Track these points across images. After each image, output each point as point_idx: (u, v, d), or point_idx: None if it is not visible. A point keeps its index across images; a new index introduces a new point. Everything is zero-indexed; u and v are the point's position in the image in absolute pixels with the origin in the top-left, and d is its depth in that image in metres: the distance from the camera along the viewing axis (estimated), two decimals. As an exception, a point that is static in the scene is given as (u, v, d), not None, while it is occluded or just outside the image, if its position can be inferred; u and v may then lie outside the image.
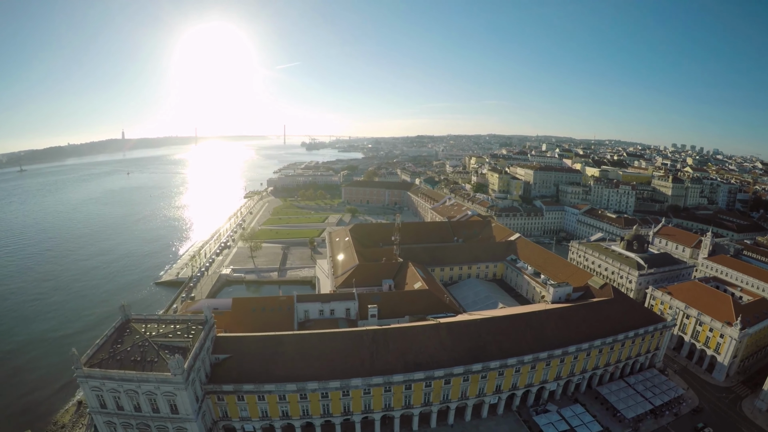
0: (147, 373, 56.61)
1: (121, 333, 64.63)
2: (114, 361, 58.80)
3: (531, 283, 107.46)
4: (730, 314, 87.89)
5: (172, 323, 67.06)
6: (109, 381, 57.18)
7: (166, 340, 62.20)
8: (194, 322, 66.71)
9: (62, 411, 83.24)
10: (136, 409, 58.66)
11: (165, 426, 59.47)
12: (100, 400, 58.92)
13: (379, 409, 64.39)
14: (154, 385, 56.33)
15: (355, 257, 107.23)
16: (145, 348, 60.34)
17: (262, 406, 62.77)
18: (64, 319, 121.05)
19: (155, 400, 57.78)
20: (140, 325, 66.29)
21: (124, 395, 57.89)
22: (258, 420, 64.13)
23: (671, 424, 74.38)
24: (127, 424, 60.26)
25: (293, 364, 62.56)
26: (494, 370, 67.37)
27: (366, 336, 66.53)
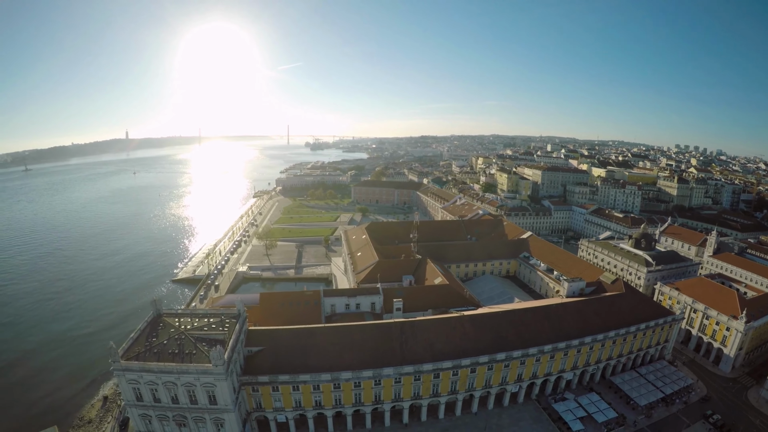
0: (187, 364, 57.86)
1: (155, 327, 66.11)
2: (151, 354, 59.80)
3: (544, 279, 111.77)
4: (736, 308, 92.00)
5: (205, 317, 68.94)
6: (147, 373, 57.99)
7: (202, 333, 63.86)
8: (227, 315, 68.70)
9: (87, 406, 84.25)
10: (173, 401, 59.57)
11: (202, 417, 60.69)
12: (137, 393, 59.63)
13: (408, 397, 68.37)
14: (194, 376, 57.57)
15: (374, 254, 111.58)
16: (182, 341, 61.67)
17: (296, 396, 65.67)
18: (83, 319, 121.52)
19: (194, 392, 58.89)
20: (173, 319, 68.15)
21: (161, 387, 58.71)
22: (291, 410, 66.97)
23: (681, 411, 78.60)
24: (163, 416, 61.06)
25: (326, 355, 66.00)
26: (516, 359, 71.77)
27: (395, 328, 70.84)
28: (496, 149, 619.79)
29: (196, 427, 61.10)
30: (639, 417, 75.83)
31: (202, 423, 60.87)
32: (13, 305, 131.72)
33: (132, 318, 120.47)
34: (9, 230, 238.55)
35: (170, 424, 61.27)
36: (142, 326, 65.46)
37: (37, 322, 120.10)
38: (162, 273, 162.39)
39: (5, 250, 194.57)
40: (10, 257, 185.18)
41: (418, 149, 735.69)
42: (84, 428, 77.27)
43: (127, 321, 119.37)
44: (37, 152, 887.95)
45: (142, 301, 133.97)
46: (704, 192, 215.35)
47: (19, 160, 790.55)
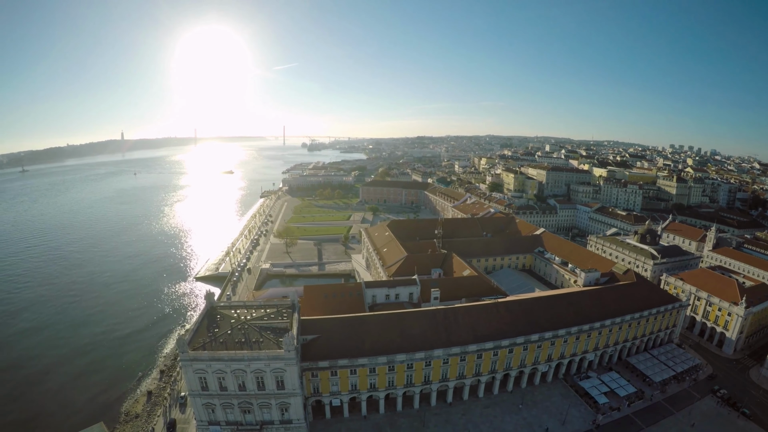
0: (259, 351, 60.33)
1: (213, 318, 68.85)
2: (218, 344, 61.80)
3: (560, 271, 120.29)
4: (736, 296, 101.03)
5: (261, 308, 72.53)
6: (216, 362, 59.87)
7: (263, 322, 67.17)
8: (281, 306, 72.77)
9: (131, 402, 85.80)
10: (240, 389, 61.85)
11: (268, 403, 63.27)
12: (202, 383, 61.15)
13: (454, 377, 75.23)
14: (265, 362, 60.32)
15: (402, 250, 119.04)
16: (246, 330, 64.51)
17: (353, 379, 70.51)
18: (114, 321, 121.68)
19: (262, 378, 61.46)
20: (228, 310, 71.23)
21: (230, 375, 60.70)
22: (347, 393, 71.54)
23: (691, 387, 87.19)
24: (228, 404, 63.08)
25: (378, 341, 71.59)
26: (547, 339, 79.81)
27: (439, 314, 78.29)
28: (493, 149, 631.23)
29: (260, 413, 64.19)
30: (654, 392, 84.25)
31: (267, 408, 64.00)
32: (36, 309, 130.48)
33: (164, 319, 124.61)
34: (17, 231, 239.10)
35: (234, 412, 63.75)
36: (200, 318, 68.46)
37: (67, 326, 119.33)
38: (184, 271, 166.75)
39: (18, 253, 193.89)
40: (24, 260, 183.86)
41: (416, 150, 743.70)
42: (132, 423, 78.90)
43: (159, 322, 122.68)
44: (33, 153, 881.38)
45: (170, 300, 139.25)
46: (702, 191, 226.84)
47: (15, 161, 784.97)
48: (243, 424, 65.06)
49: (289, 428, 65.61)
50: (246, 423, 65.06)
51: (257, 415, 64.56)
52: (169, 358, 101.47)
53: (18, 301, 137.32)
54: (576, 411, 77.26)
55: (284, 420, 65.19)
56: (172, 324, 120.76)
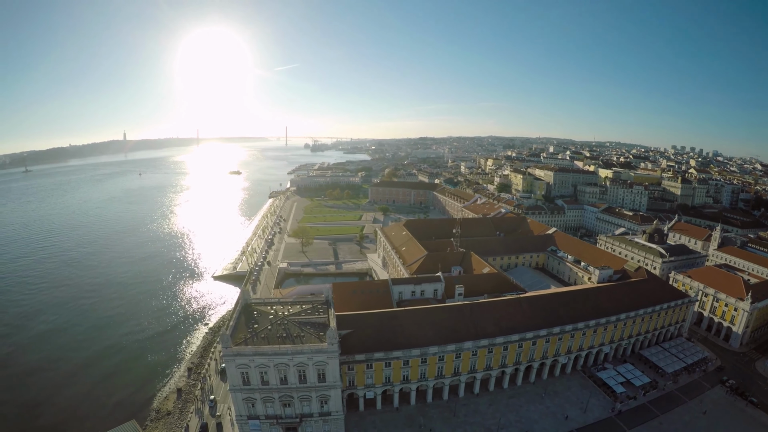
0: (302, 345, 62.59)
1: (249, 315, 70.94)
2: (259, 339, 63.45)
3: (573, 269, 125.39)
4: (742, 292, 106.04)
5: (296, 304, 75.19)
6: (259, 357, 61.19)
7: (301, 317, 69.79)
8: (315, 302, 75.56)
9: (161, 400, 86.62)
10: (281, 382, 63.30)
11: (309, 396, 65.17)
12: (244, 377, 62.63)
13: (482, 368, 79.92)
14: (308, 356, 62.35)
15: (421, 248, 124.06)
16: (286, 325, 66.94)
17: (387, 372, 73.86)
18: (136, 322, 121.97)
19: (304, 371, 63.33)
20: (263, 306, 73.70)
21: (272, 369, 62.26)
22: (381, 386, 74.63)
23: (701, 378, 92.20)
24: (269, 398, 64.50)
25: (410, 334, 75.70)
26: (567, 332, 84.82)
27: (466, 308, 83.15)
28: (496, 151, 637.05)
29: (300, 406, 66.19)
30: (667, 382, 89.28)
31: (307, 401, 66.03)
32: (54, 312, 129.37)
33: (190, 320, 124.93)
34: (28, 231, 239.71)
35: (274, 405, 65.46)
36: (236, 315, 70.44)
37: (89, 327, 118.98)
38: (201, 271, 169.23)
39: (30, 254, 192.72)
40: (37, 261, 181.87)
41: (419, 151, 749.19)
42: (164, 420, 79.54)
43: (183, 320, 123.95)
44: (36, 153, 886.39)
45: (191, 299, 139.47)
46: (705, 192, 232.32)
47: (18, 161, 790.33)
48: (282, 417, 66.62)
49: (327, 420, 67.96)
50: (285, 416, 66.69)
51: (297, 408, 66.37)
52: (196, 355, 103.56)
53: (35, 303, 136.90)
54: (595, 400, 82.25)
55: (323, 412, 67.26)
56: (194, 323, 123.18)
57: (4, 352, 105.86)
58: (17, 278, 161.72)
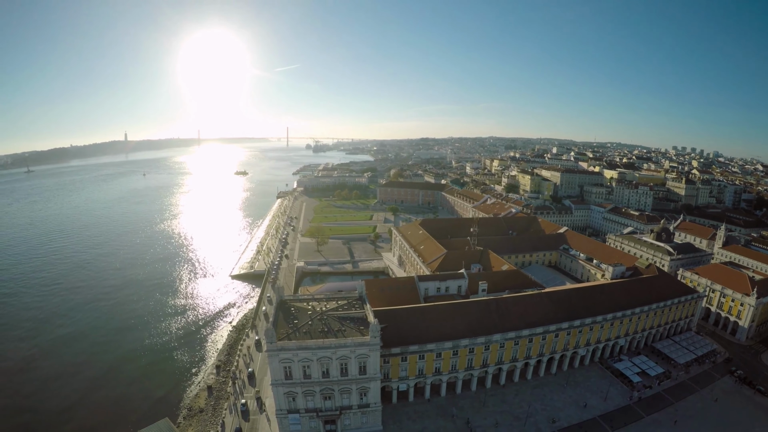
0: (344, 339, 65.04)
1: (287, 311, 73.76)
2: (301, 334, 65.78)
3: (586, 266, 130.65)
4: (747, 287, 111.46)
5: (332, 300, 78.80)
6: (303, 351, 63.34)
7: (339, 313, 73.22)
8: (350, 298, 79.65)
9: (192, 398, 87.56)
10: (323, 376, 65.51)
11: (349, 388, 67.54)
12: (286, 372, 64.69)
13: (508, 360, 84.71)
14: (350, 349, 64.77)
15: (440, 246, 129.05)
16: (326, 320, 70.21)
17: (420, 364, 77.20)
18: (159, 322, 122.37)
19: (346, 365, 65.70)
20: (300, 303, 77.04)
21: (315, 363, 64.48)
22: (413, 378, 77.83)
23: (711, 369, 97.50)
24: (310, 391, 66.50)
25: (441, 328, 79.85)
26: (587, 325, 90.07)
27: (492, 303, 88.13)
28: (498, 151, 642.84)
29: (340, 399, 68.64)
30: (679, 373, 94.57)
31: (347, 394, 68.55)
32: (73, 316, 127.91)
33: (209, 315, 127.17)
34: (36, 231, 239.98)
35: (314, 399, 67.76)
36: (275, 312, 73.62)
37: (112, 331, 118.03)
38: (217, 270, 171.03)
39: (42, 256, 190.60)
40: (50, 264, 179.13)
41: (421, 151, 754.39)
42: (197, 417, 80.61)
43: (206, 319, 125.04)
44: (37, 154, 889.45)
45: (211, 298, 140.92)
46: (709, 192, 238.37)
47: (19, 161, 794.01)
48: (322, 410, 68.86)
49: (366, 412, 70.77)
50: (325, 409, 68.97)
51: (337, 401, 68.71)
52: (223, 353, 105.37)
53: (51, 306, 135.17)
54: (614, 389, 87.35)
55: (362, 404, 70.05)
56: (217, 321, 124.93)
57: (26, 356, 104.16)
58: (31, 280, 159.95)
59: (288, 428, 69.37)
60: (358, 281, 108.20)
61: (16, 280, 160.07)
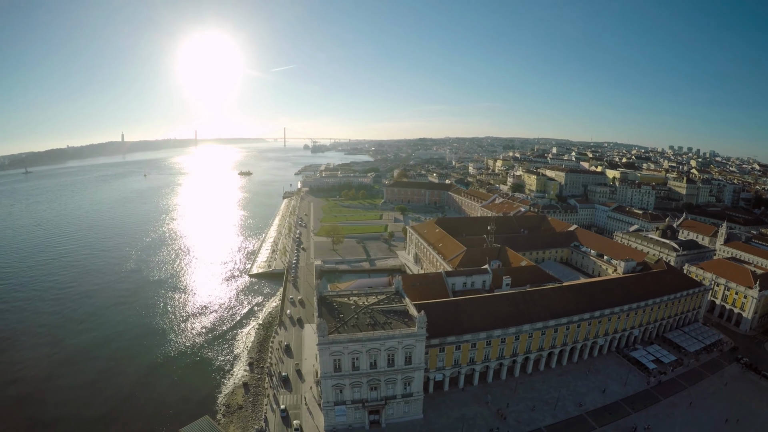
0: (392, 330, 68.35)
1: (330, 306, 77.25)
2: (349, 327, 68.78)
3: (597, 262, 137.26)
4: (750, 281, 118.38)
5: (371, 295, 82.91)
6: (353, 343, 66.20)
7: (384, 306, 77.26)
8: (387, 293, 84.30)
9: (229, 395, 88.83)
10: (371, 367, 68.31)
11: (394, 378, 70.66)
12: (336, 364, 67.49)
13: (535, 349, 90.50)
14: (398, 340, 68.28)
15: (459, 244, 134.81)
16: (371, 314, 73.85)
17: (456, 355, 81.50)
18: (183, 323, 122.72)
19: (393, 355, 68.86)
20: (341, 298, 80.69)
21: (364, 355, 67.22)
22: (450, 368, 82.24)
23: (719, 357, 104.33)
24: (357, 383, 69.27)
25: (474, 320, 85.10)
26: (606, 316, 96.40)
27: (518, 296, 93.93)
28: (497, 151, 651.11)
29: (385, 389, 71.85)
30: (690, 360, 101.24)
31: (392, 384, 71.80)
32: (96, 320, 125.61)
33: (233, 314, 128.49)
34: (44, 232, 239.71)
35: (361, 390, 70.65)
36: (318, 307, 76.98)
37: (140, 335, 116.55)
38: (234, 269, 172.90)
39: (54, 259, 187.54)
40: (63, 267, 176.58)
41: (420, 152, 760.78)
42: (237, 414, 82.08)
43: (231, 317, 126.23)
44: (34, 155, 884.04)
45: (233, 296, 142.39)
46: (709, 191, 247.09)
47: (17, 162, 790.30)
48: (368, 400, 71.64)
49: (408, 401, 74.47)
50: (371, 399, 71.88)
51: (382, 391, 71.81)
52: (254, 350, 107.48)
53: (67, 311, 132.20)
54: (632, 376, 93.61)
55: (405, 393, 73.68)
56: (243, 319, 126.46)
57: (50, 364, 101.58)
58: (44, 284, 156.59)
59: (334, 420, 72.63)
60: (385, 277, 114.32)
61: (29, 284, 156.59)
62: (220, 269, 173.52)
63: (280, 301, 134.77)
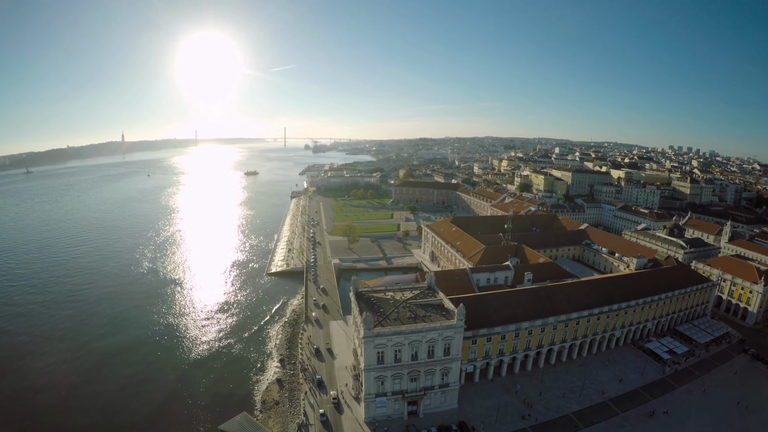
0: (432, 323, 71.75)
1: (368, 301, 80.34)
2: (391, 321, 71.62)
3: (609, 259, 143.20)
4: (755, 277, 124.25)
5: (405, 290, 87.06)
6: (397, 336, 69.26)
7: (421, 300, 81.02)
8: (421, 288, 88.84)
9: (264, 392, 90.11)
10: (412, 358, 71.66)
11: (433, 369, 73.83)
12: (379, 357, 70.35)
13: (559, 341, 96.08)
14: (439, 332, 71.75)
15: (477, 242, 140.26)
16: (410, 308, 77.59)
17: (487, 346, 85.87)
18: (209, 323, 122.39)
19: (433, 347, 72.04)
20: (378, 294, 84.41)
21: (407, 347, 70.35)
22: (481, 360, 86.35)
23: (728, 348, 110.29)
24: (398, 374, 72.07)
25: (502, 313, 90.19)
26: (623, 309, 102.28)
27: (541, 291, 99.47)
28: (498, 151, 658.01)
29: (425, 380, 75.38)
30: (701, 351, 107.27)
31: (431, 375, 75.22)
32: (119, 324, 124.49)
33: (256, 312, 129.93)
34: (50, 232, 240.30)
35: (402, 381, 73.81)
36: (356, 303, 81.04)
37: (166, 337, 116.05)
38: (252, 268, 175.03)
39: (67, 261, 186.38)
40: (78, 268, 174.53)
41: (422, 152, 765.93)
42: (274, 409, 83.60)
43: (255, 315, 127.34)
44: (35, 155, 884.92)
45: (254, 295, 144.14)
46: (712, 191, 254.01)
47: (17, 162, 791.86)
48: (408, 391, 74.87)
49: (445, 391, 77.99)
50: (410, 390, 75.18)
51: (421, 382, 75.12)
52: (283, 347, 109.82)
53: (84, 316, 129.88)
54: (648, 366, 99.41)
55: (443, 384, 77.21)
56: (268, 317, 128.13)
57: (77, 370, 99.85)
58: (60, 286, 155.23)
59: (374, 411, 75.84)
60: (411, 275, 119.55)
61: (44, 287, 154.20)
62: (238, 269, 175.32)
63: (302, 299, 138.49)
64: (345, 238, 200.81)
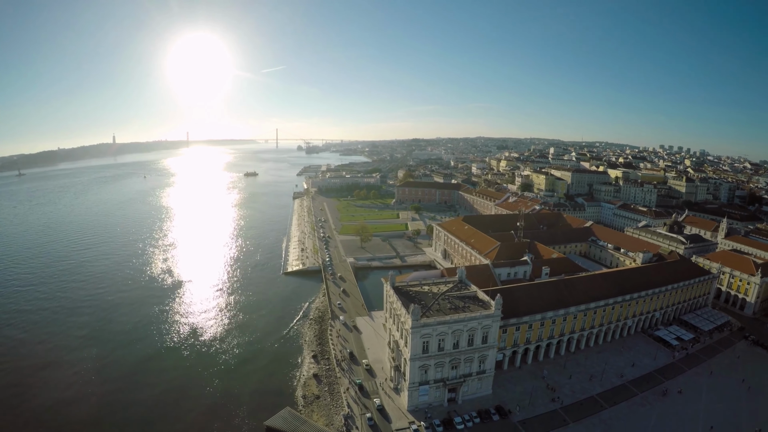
0: (474, 312, 76.33)
1: (407, 295, 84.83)
2: (434, 312, 75.56)
3: (615, 255, 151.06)
4: (752, 269, 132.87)
5: (439, 284, 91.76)
6: (441, 325, 73.34)
7: (457, 293, 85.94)
8: (452, 281, 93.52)
9: (302, 386, 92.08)
10: (454, 347, 75.82)
11: (472, 356, 78.26)
12: (424, 346, 74.25)
13: (579, 329, 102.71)
14: (479, 321, 76.19)
15: (491, 239, 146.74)
16: (448, 300, 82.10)
17: (516, 335, 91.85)
18: (246, 329, 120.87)
19: (472, 335, 76.25)
20: (416, 288, 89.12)
21: (450, 336, 74.28)
22: (510, 348, 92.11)
23: (730, 335, 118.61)
24: (441, 363, 75.98)
25: (527, 303, 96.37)
26: (635, 299, 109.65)
27: (560, 284, 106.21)
28: (491, 152, 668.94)
29: (464, 366, 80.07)
30: (705, 338, 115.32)
31: (469, 362, 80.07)
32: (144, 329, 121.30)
33: (279, 310, 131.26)
34: (53, 234, 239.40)
35: (444, 369, 78.13)
36: (396, 296, 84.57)
37: (197, 341, 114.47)
38: (268, 268, 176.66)
39: (77, 264, 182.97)
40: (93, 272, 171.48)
41: (415, 152, 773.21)
42: (316, 403, 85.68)
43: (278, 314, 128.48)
44: (26, 157, 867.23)
45: (274, 294, 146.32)
46: (706, 189, 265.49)
47: (9, 164, 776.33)
48: (449, 379, 79.53)
49: (482, 378, 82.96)
50: (451, 378, 79.95)
51: (461, 370, 79.81)
52: (314, 343, 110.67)
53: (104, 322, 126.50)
54: (660, 352, 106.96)
55: (480, 371, 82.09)
56: (292, 315, 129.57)
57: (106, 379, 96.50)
58: (73, 290, 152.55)
59: (417, 399, 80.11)
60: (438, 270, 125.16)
61: (56, 293, 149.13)
62: (252, 269, 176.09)
63: (324, 297, 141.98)
64: (355, 237, 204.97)
